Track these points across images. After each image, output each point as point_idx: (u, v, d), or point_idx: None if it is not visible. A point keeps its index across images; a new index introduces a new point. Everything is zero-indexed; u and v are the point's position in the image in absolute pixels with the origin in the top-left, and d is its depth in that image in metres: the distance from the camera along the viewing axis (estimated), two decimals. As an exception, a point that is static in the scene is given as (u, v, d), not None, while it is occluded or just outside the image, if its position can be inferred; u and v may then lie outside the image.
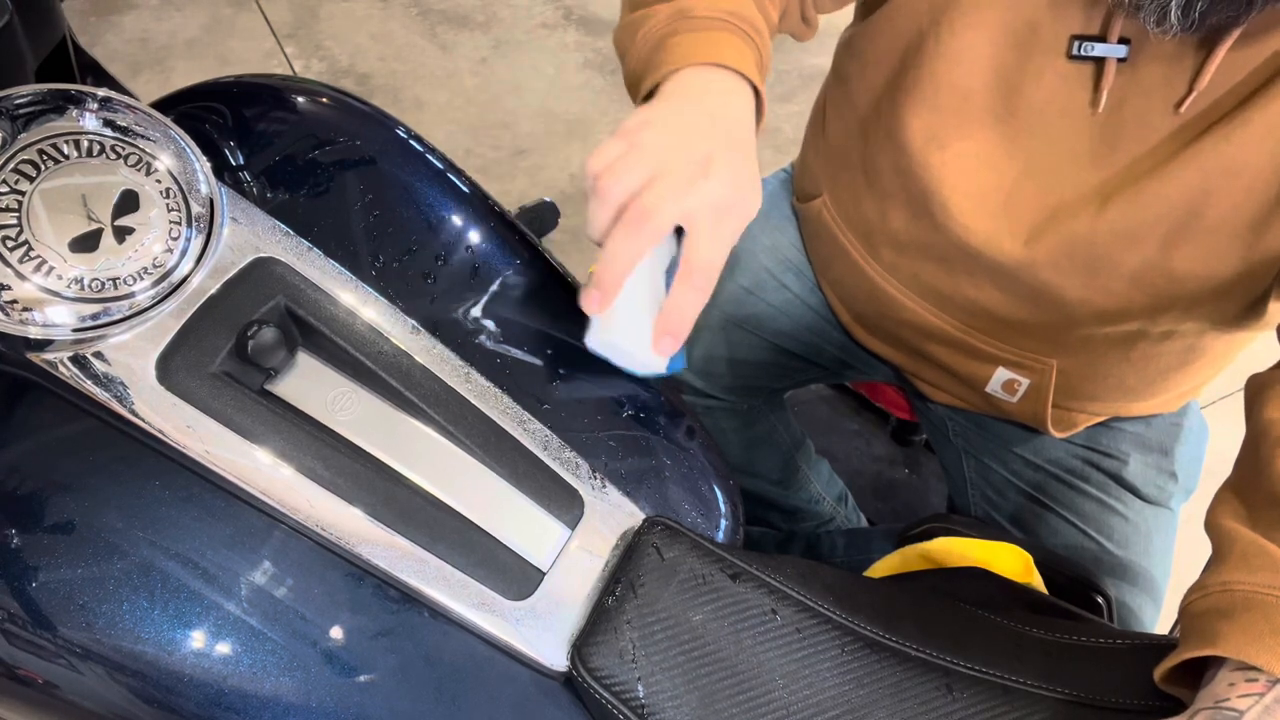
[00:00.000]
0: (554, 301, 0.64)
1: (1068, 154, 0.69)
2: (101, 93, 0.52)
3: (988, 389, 0.86)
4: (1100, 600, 0.72)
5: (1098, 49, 0.63)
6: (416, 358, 0.56)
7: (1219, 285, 0.68)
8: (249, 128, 0.62)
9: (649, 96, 0.62)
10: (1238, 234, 0.65)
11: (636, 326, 0.57)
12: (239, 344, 0.52)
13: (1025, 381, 0.83)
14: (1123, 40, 0.63)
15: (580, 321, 0.59)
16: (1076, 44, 0.64)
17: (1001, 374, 0.84)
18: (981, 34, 0.67)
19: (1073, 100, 0.67)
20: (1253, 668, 0.46)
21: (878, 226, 0.83)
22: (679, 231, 0.56)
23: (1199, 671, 0.50)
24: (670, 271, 0.57)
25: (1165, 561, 0.88)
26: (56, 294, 0.49)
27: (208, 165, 0.54)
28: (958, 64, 0.69)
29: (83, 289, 0.49)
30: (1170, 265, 0.68)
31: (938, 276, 0.80)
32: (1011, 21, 0.66)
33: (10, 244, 0.48)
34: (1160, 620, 0.87)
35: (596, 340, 0.58)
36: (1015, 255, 0.73)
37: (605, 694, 0.51)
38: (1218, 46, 0.59)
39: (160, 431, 0.50)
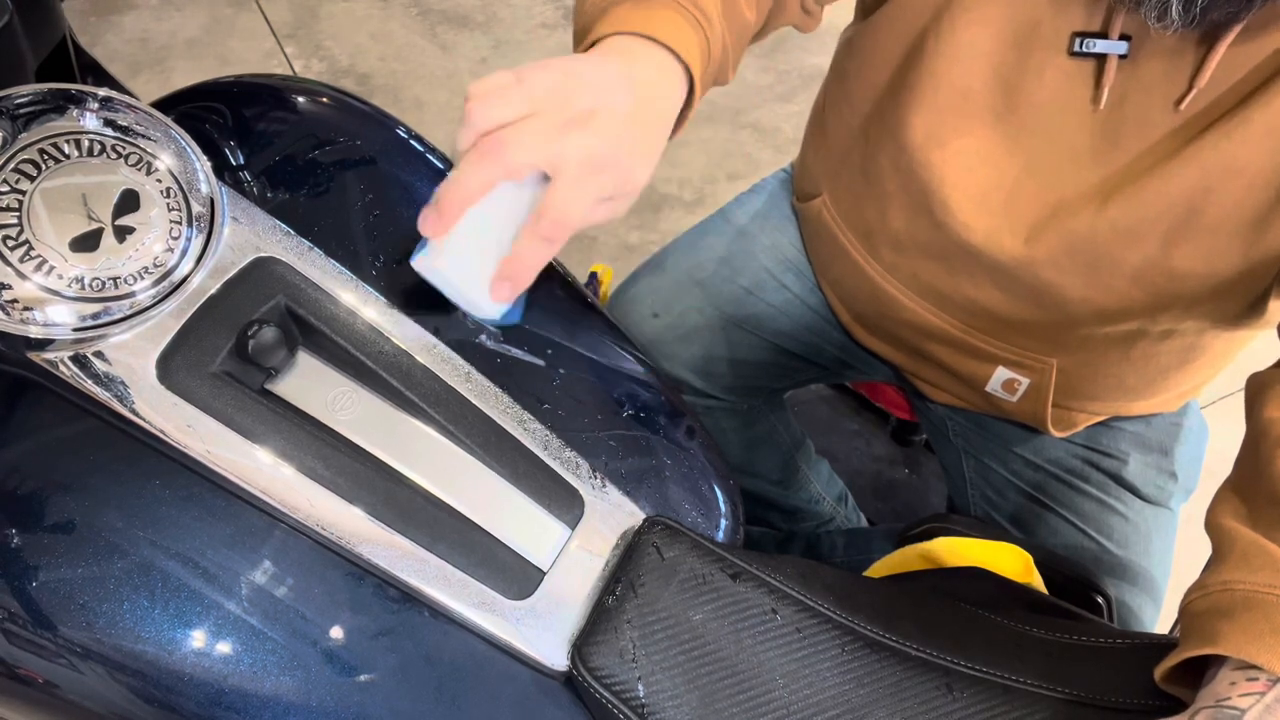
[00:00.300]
0: (554, 301, 0.64)
1: (1068, 151, 0.69)
2: (102, 92, 0.52)
3: (988, 388, 0.86)
4: (1100, 600, 0.72)
5: (1099, 45, 0.64)
6: (417, 357, 0.56)
7: (1220, 283, 0.68)
8: (249, 127, 0.62)
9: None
10: (1238, 232, 0.65)
11: (475, 266, 0.54)
12: (239, 343, 0.52)
13: (1025, 381, 0.83)
14: (1124, 37, 0.63)
15: (583, 320, 0.58)
16: (1078, 41, 0.64)
17: (1001, 373, 0.84)
18: (983, 31, 0.67)
19: (1074, 97, 0.67)
20: (1253, 666, 0.46)
21: (877, 226, 0.83)
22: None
23: (1199, 671, 0.50)
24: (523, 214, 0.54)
25: (1165, 561, 0.88)
26: (57, 293, 0.49)
27: (208, 165, 0.54)
28: (958, 62, 0.69)
29: (83, 288, 0.49)
30: (1171, 263, 0.68)
31: (938, 276, 0.80)
32: (1013, 19, 0.66)
33: (11, 243, 0.48)
34: (1160, 620, 0.87)
35: (425, 265, 0.55)
36: (1016, 254, 0.73)
37: (605, 693, 0.51)
38: (1218, 43, 0.59)
39: (161, 431, 0.50)
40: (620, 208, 0.55)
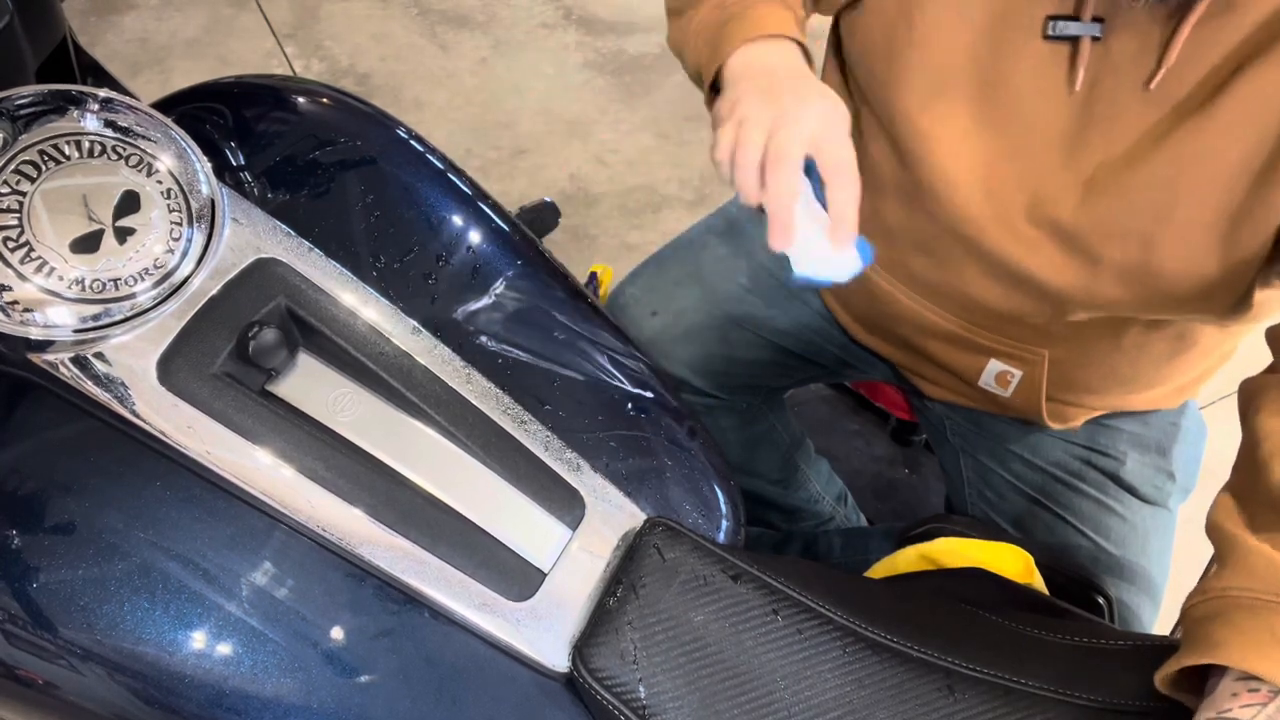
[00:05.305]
0: (554, 302, 0.64)
1: (1048, 137, 0.69)
2: (103, 93, 0.52)
3: (980, 382, 0.86)
4: (1101, 600, 0.72)
5: (1072, 28, 0.64)
6: (417, 358, 0.56)
7: (1201, 280, 0.68)
8: (250, 128, 0.62)
9: (714, 80, 0.71)
10: (1215, 226, 0.65)
11: (819, 243, 0.64)
12: (240, 345, 0.52)
13: (1017, 373, 0.83)
14: (1096, 19, 0.63)
15: (583, 319, 0.60)
16: (1051, 23, 0.65)
17: (994, 366, 0.84)
18: (957, 17, 0.68)
19: (1050, 81, 0.67)
20: (1254, 677, 0.46)
21: (872, 220, 0.83)
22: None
23: (1201, 675, 0.50)
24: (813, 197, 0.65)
25: (1163, 561, 0.88)
26: (57, 295, 0.49)
27: (208, 166, 0.54)
28: (936, 50, 0.70)
29: (84, 290, 0.49)
30: (1151, 259, 0.68)
31: (929, 269, 0.81)
32: (987, 3, 0.67)
33: (11, 245, 0.48)
34: (1159, 620, 0.87)
35: (802, 267, 0.64)
36: (1002, 242, 0.73)
37: (606, 695, 0.51)
38: (1184, 21, 0.59)
39: (161, 432, 0.50)
40: (849, 131, 0.65)
